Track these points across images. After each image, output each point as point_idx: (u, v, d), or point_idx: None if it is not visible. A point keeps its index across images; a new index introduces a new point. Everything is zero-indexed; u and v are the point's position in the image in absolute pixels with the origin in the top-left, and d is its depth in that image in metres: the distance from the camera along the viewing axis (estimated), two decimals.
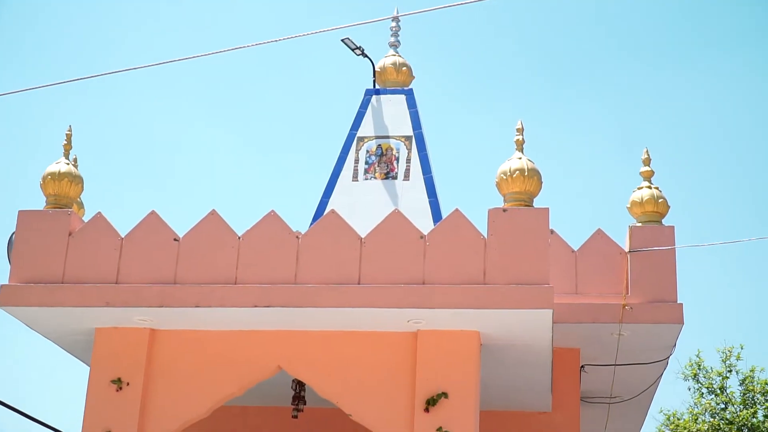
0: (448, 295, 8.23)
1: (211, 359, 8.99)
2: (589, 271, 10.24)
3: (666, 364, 11.06)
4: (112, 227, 8.97)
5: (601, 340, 10.34)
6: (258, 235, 8.73)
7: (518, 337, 8.76)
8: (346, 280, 8.43)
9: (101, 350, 9.09)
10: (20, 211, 9.15)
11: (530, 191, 8.61)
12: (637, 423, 13.87)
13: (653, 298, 9.94)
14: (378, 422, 8.60)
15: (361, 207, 10.79)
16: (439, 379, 8.51)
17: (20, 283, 8.86)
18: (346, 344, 8.82)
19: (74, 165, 9.43)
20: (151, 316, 8.80)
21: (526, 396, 10.59)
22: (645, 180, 10.49)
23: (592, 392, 11.78)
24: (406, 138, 11.58)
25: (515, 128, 9.03)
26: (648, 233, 10.18)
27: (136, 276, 8.74)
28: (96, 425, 8.85)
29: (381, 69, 12.21)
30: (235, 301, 8.48)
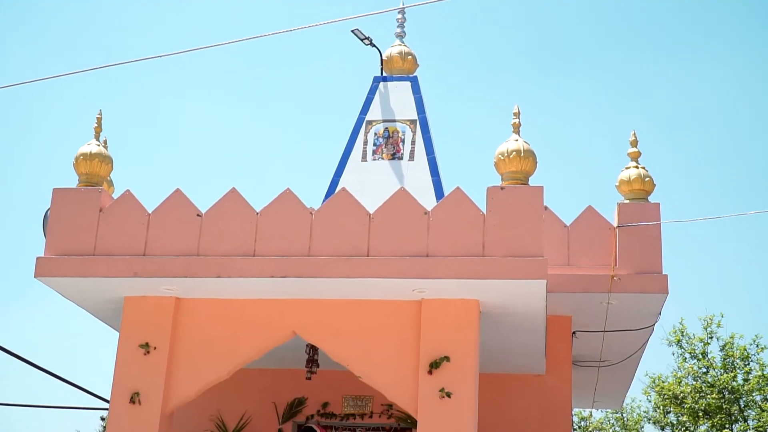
0: (449, 267, 8.24)
1: (232, 325, 9.02)
2: (580, 244, 10.25)
3: (651, 330, 11.09)
4: (140, 204, 8.99)
5: (592, 308, 10.37)
6: (274, 211, 8.74)
7: (515, 306, 8.76)
8: (356, 252, 8.44)
9: (130, 317, 9.13)
10: (55, 188, 9.16)
11: (526, 171, 8.61)
12: (624, 385, 13.92)
13: (640, 269, 9.95)
14: (385, 383, 8.65)
15: (370, 185, 10.80)
16: (442, 344, 8.54)
17: (55, 256, 8.88)
18: (355, 312, 8.85)
19: (104, 146, 9.44)
20: (176, 285, 8.83)
21: (521, 360, 10.61)
22: (632, 160, 10.50)
23: (583, 356, 11.82)
24: (411, 122, 11.58)
25: (512, 112, 9.02)
26: (635, 210, 10.18)
27: (162, 249, 8.76)
28: (125, 386, 8.90)
29: (388, 58, 12.20)
30: (253, 272, 8.50)
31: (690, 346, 26.80)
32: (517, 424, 11.02)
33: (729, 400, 25.46)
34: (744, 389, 25.50)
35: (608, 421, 30.71)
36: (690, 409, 25.82)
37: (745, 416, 25.60)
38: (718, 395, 25.38)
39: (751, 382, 25.42)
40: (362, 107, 11.80)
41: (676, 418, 27.02)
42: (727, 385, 25.41)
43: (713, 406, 25.38)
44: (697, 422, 25.98)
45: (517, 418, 11.04)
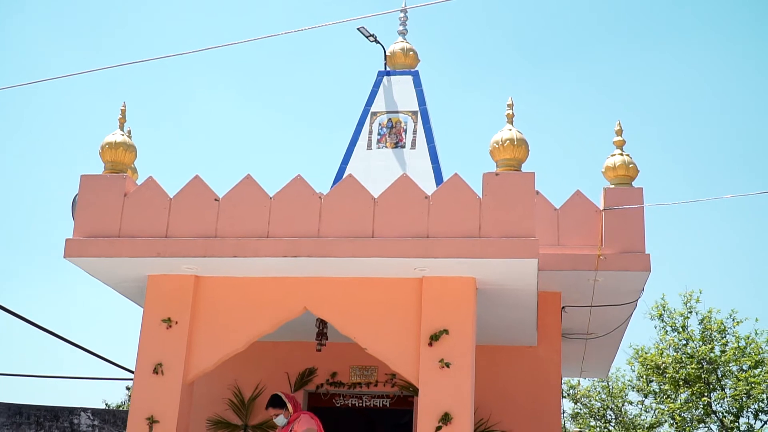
0: (448, 247, 8.24)
1: (247, 301, 9.04)
2: (569, 226, 10.26)
3: (635, 305, 11.10)
4: (162, 189, 8.99)
5: (580, 285, 10.40)
6: (286, 196, 8.74)
7: (508, 283, 8.77)
8: (362, 234, 8.44)
9: (153, 294, 9.14)
10: (82, 175, 9.15)
11: (519, 158, 8.61)
12: (610, 356, 13.95)
13: (624, 249, 9.96)
14: (389, 355, 8.67)
15: (375, 172, 10.80)
16: (441, 318, 8.55)
17: (83, 238, 8.88)
18: (361, 288, 8.86)
19: (128, 136, 9.45)
20: (196, 264, 8.83)
21: (515, 333, 10.62)
22: (617, 148, 10.50)
23: (572, 329, 11.83)
24: (412, 113, 11.56)
25: (506, 104, 9.01)
26: (620, 194, 10.19)
27: (183, 230, 8.76)
28: (149, 358, 8.93)
29: (391, 53, 12.18)
30: (267, 252, 8.50)
31: (671, 320, 26.83)
32: (511, 391, 11.05)
33: (707, 370, 25.49)
34: (721, 360, 25.52)
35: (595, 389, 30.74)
36: (671, 378, 25.85)
37: (722, 385, 25.62)
38: (697, 365, 25.40)
39: (728, 354, 25.45)
40: (367, 99, 11.79)
41: (658, 386, 27.05)
42: (706, 356, 25.43)
43: (692, 376, 25.41)
44: (678, 390, 26.02)
45: (510, 386, 11.07)
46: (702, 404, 25.74)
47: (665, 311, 27.06)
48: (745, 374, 25.00)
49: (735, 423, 25.73)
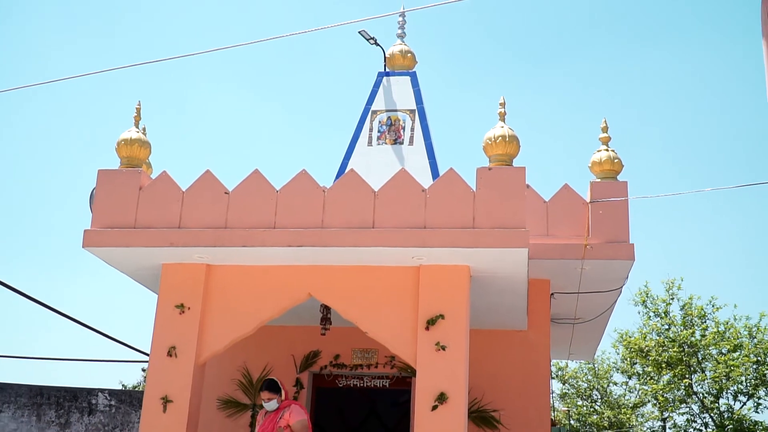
0: (444, 237, 8.26)
1: (255, 288, 9.06)
2: (557, 217, 10.27)
3: (620, 292, 11.12)
4: (175, 182, 9.00)
5: (567, 272, 10.41)
6: (292, 189, 8.75)
7: (500, 271, 8.78)
8: (363, 225, 8.46)
9: (167, 282, 9.16)
10: (99, 170, 9.17)
11: (510, 153, 8.60)
12: (596, 340, 13.97)
13: (610, 239, 9.97)
14: (388, 338, 8.69)
15: (375, 167, 10.80)
16: (437, 304, 8.57)
17: (100, 228, 8.90)
18: (363, 276, 8.87)
19: (143, 133, 9.45)
20: (207, 254, 8.85)
21: (506, 317, 10.63)
22: (603, 144, 10.50)
23: (560, 315, 11.85)
24: (410, 111, 11.56)
25: (498, 103, 9.02)
26: (605, 187, 10.19)
27: (195, 222, 8.78)
28: (163, 341, 8.96)
29: (390, 55, 12.17)
30: (273, 242, 8.52)
31: (654, 305, 26.87)
32: (503, 373, 11.07)
33: (688, 353, 25.53)
34: (701, 344, 25.55)
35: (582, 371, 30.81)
36: (654, 360, 25.90)
37: (702, 367, 25.67)
38: (679, 349, 25.43)
39: (708, 338, 25.47)
40: (368, 99, 11.78)
41: (641, 368, 27.12)
42: (687, 340, 25.47)
43: (674, 359, 25.45)
44: (660, 372, 26.07)
45: (502, 368, 11.09)
46: (683, 385, 25.78)
47: (648, 298, 27.10)
48: (724, 357, 25.04)
49: (715, 404, 25.77)
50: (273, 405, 8.29)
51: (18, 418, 14.67)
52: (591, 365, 30.12)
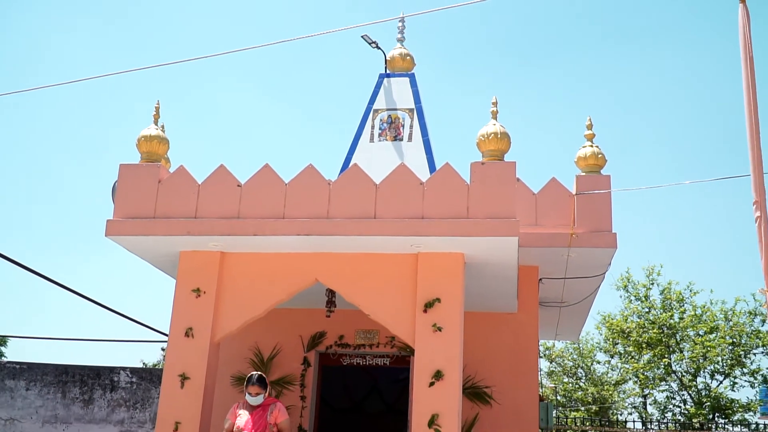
0: (440, 227, 8.29)
1: (266, 274, 9.08)
2: (545, 208, 10.28)
3: (603, 278, 11.14)
4: (191, 176, 9.03)
5: (555, 259, 10.44)
6: (300, 182, 8.78)
7: (492, 258, 8.81)
8: (365, 215, 8.49)
9: (184, 268, 9.19)
10: (121, 164, 9.20)
11: (502, 149, 8.64)
12: (580, 322, 13.99)
13: (594, 228, 10.00)
14: (389, 319, 8.73)
15: (376, 161, 10.79)
16: (434, 289, 8.60)
17: (122, 219, 8.93)
18: (365, 263, 8.89)
19: (162, 130, 9.47)
20: (221, 242, 8.88)
21: (498, 301, 10.66)
22: (588, 140, 10.53)
23: (548, 298, 11.88)
24: (409, 110, 11.55)
25: (491, 102, 9.04)
26: (590, 181, 10.22)
27: (210, 212, 8.81)
28: (181, 323, 9.00)
29: (390, 58, 12.16)
30: (283, 231, 8.55)
31: (634, 290, 26.89)
32: (495, 352, 11.09)
33: (667, 334, 25.56)
34: (680, 326, 25.58)
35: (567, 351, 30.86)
36: (635, 341, 25.94)
37: (680, 348, 25.71)
38: (658, 331, 25.47)
39: (686, 320, 25.50)
40: (370, 98, 11.77)
41: (623, 348, 27.15)
42: (666, 323, 25.50)
43: (654, 340, 25.48)
44: (641, 352, 26.11)
45: (494, 347, 11.11)
46: (663, 365, 25.82)
47: (630, 283, 27.12)
48: (701, 339, 25.06)
49: (693, 382, 25.81)
50: (259, 400, 7.84)
51: (44, 396, 14.74)
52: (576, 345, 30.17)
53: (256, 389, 7.78)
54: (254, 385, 7.79)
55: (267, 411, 7.67)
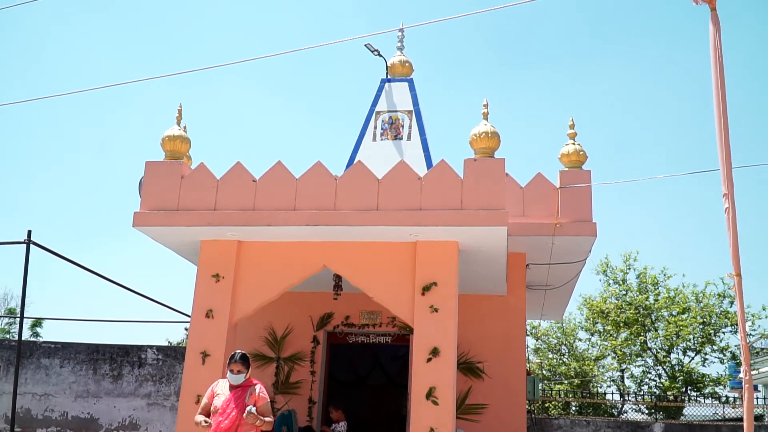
0: (436, 217, 8.31)
1: (279, 260, 9.10)
2: (532, 200, 10.26)
3: (584, 263, 11.13)
4: (211, 172, 9.05)
5: (540, 247, 10.43)
6: (309, 177, 8.79)
7: (484, 245, 8.83)
8: (369, 207, 8.51)
9: (205, 255, 9.22)
10: (147, 161, 9.24)
11: (492, 147, 8.63)
12: (563, 303, 13.99)
13: (576, 218, 9.99)
14: (390, 301, 8.76)
15: (378, 158, 10.80)
16: (431, 274, 8.62)
17: (148, 211, 8.96)
18: (368, 250, 8.91)
19: (184, 130, 9.47)
20: (238, 232, 8.91)
21: (489, 285, 10.67)
22: (570, 139, 10.51)
23: (534, 282, 11.87)
24: (408, 112, 11.55)
25: (482, 104, 9.03)
26: (572, 175, 10.21)
27: (228, 205, 8.83)
28: (202, 305, 9.04)
29: (391, 65, 12.15)
30: (294, 222, 8.58)
31: (613, 274, 26.81)
32: (486, 331, 11.12)
33: (643, 314, 25.51)
34: (654, 307, 25.52)
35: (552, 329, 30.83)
36: (613, 321, 25.89)
37: (655, 327, 25.66)
38: (635, 311, 25.42)
39: (660, 302, 25.46)
40: (372, 101, 11.77)
41: (602, 327, 27.10)
42: (642, 304, 25.44)
43: (631, 319, 25.43)
44: (619, 330, 26.07)
45: (486, 327, 11.14)
46: (639, 342, 25.79)
47: (608, 268, 27.05)
48: (674, 319, 25.02)
49: (667, 358, 25.79)
50: (240, 379, 6.84)
51: (77, 372, 14.78)
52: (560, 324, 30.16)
53: (238, 367, 6.83)
54: (237, 362, 6.86)
55: (246, 392, 6.78)
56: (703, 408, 19.17)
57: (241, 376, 6.83)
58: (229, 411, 6.60)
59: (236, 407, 6.62)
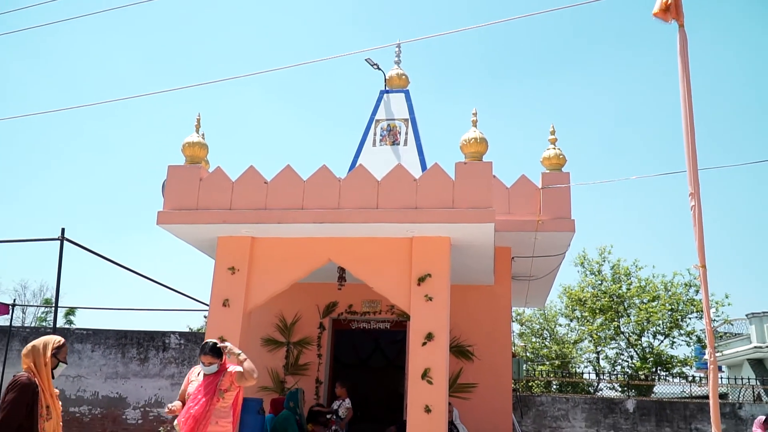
0: (431, 215, 8.30)
1: (288, 254, 9.09)
2: (517, 200, 10.24)
3: (564, 256, 11.11)
4: (227, 175, 9.03)
5: (524, 241, 10.40)
6: (315, 179, 8.78)
7: (474, 240, 8.82)
8: (369, 206, 8.50)
9: (221, 250, 9.21)
10: (169, 165, 9.22)
11: (481, 151, 8.62)
12: (545, 292, 13.96)
13: (556, 216, 9.97)
14: (389, 291, 8.75)
15: (378, 162, 10.79)
16: (426, 266, 8.61)
17: (170, 210, 8.96)
18: (369, 245, 8.90)
19: (202, 137, 9.46)
20: (252, 229, 8.89)
21: (478, 276, 10.67)
22: (551, 144, 10.50)
23: (519, 273, 11.86)
24: (405, 120, 11.54)
25: (472, 113, 9.02)
26: (553, 177, 10.19)
27: (242, 204, 8.82)
28: (219, 295, 9.03)
29: (389, 78, 12.13)
30: (302, 219, 8.57)
31: (589, 266, 26.84)
32: (476, 317, 11.12)
33: (616, 302, 25.54)
34: (627, 295, 25.55)
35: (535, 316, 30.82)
36: (589, 308, 25.92)
37: (628, 313, 25.67)
38: (609, 299, 25.45)
39: (632, 290, 25.49)
40: (372, 110, 11.77)
41: (580, 313, 27.14)
42: (615, 292, 25.47)
43: (605, 306, 25.46)
44: (595, 316, 26.09)
45: (475, 313, 11.13)
46: (613, 327, 25.83)
47: (585, 260, 27.07)
48: (645, 306, 25.05)
49: (638, 341, 25.81)
50: (213, 369, 6.03)
51: (107, 356, 14.79)
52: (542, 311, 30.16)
53: (209, 359, 6.01)
54: (207, 354, 6.02)
55: (219, 377, 6.02)
56: (672, 386, 19.18)
57: (213, 367, 6.01)
58: (200, 397, 5.92)
59: (206, 394, 5.93)
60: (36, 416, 4.59)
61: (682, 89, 6.49)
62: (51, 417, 4.69)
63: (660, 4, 6.60)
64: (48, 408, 4.69)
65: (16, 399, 4.53)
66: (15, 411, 4.50)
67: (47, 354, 4.78)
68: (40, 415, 4.61)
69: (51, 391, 4.75)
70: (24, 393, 4.57)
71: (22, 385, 4.59)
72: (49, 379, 4.77)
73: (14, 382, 4.62)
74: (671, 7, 6.60)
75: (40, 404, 4.63)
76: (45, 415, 4.65)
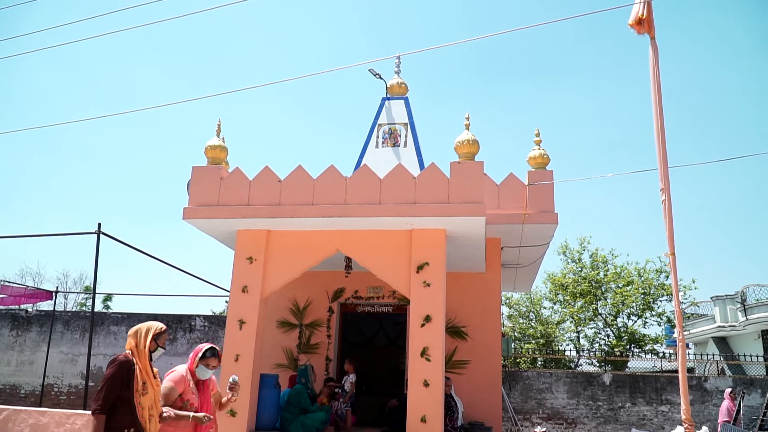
0: (428, 209, 8.27)
1: (300, 245, 9.07)
2: (505, 195, 10.23)
3: (548, 246, 11.11)
4: (245, 175, 9.00)
5: (513, 233, 10.38)
6: (324, 178, 8.75)
7: (467, 232, 8.79)
8: (373, 201, 8.47)
9: (241, 242, 9.19)
10: (193, 166, 9.20)
11: (473, 152, 8.58)
12: (531, 278, 13.93)
13: (541, 210, 9.95)
14: (391, 278, 8.70)
15: (380, 162, 10.79)
16: (424, 255, 8.58)
17: (195, 206, 8.94)
18: (373, 236, 8.88)
19: (222, 140, 9.43)
20: (267, 223, 8.87)
21: (471, 264, 10.63)
22: (536, 145, 10.46)
23: (508, 262, 11.85)
24: (404, 124, 11.51)
25: (465, 117, 9.00)
26: (538, 175, 10.16)
27: (258, 201, 8.80)
28: (239, 282, 9.02)
29: (390, 86, 12.09)
30: (312, 214, 8.55)
31: (571, 255, 26.87)
32: (469, 302, 11.09)
33: (594, 287, 25.56)
34: (604, 280, 25.57)
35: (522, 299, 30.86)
36: (571, 292, 25.94)
37: (605, 296, 25.71)
38: (588, 284, 25.47)
39: (608, 276, 25.51)
40: (375, 115, 11.74)
41: (562, 297, 27.16)
42: (594, 278, 25.50)
43: (585, 291, 25.48)
44: (575, 300, 26.12)
45: (468, 298, 11.11)
46: (591, 309, 25.85)
47: (567, 249, 27.11)
48: (620, 290, 25.06)
49: (614, 322, 25.83)
50: (209, 373, 5.21)
51: None
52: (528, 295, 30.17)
53: (213, 362, 5.17)
54: (214, 357, 5.19)
55: (208, 386, 5.23)
56: (644, 362, 19.16)
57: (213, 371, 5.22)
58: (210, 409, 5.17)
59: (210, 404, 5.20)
60: (132, 390, 4.71)
61: (654, 95, 6.45)
62: (147, 392, 4.79)
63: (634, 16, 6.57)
64: (144, 384, 4.79)
65: (114, 374, 4.70)
66: (113, 384, 4.67)
67: (148, 338, 4.92)
68: (135, 389, 4.73)
69: (148, 370, 4.86)
70: (120, 369, 4.72)
71: (119, 363, 4.75)
72: (147, 359, 4.88)
73: (114, 359, 4.80)
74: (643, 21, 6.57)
75: (136, 380, 4.75)
76: (141, 390, 4.75)
